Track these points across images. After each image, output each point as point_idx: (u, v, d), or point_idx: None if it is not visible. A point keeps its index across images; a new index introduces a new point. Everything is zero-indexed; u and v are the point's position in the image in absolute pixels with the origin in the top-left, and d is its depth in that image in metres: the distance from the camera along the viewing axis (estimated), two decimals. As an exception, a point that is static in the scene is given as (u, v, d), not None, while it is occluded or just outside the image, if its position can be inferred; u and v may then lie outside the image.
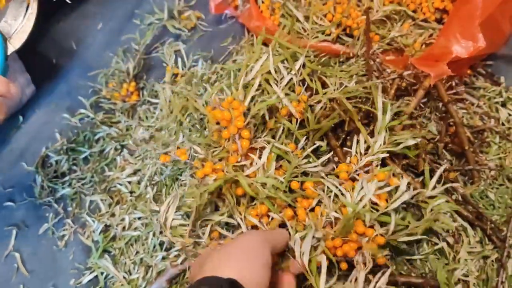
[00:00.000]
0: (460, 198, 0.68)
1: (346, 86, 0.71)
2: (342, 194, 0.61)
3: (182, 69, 0.94)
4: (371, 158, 0.62)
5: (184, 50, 0.96)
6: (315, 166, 0.66)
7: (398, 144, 0.64)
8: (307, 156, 0.67)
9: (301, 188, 0.64)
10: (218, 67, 0.89)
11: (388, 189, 0.60)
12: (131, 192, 0.81)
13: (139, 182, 0.82)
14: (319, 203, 0.63)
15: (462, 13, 0.68)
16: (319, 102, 0.70)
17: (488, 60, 0.85)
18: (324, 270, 0.56)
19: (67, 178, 0.87)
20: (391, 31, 0.83)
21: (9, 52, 0.78)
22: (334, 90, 0.71)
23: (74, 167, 0.88)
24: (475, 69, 0.84)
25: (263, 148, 0.65)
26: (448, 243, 0.67)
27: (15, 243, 0.83)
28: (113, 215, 0.80)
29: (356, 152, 0.64)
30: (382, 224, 0.59)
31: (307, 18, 0.84)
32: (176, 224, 0.67)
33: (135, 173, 0.84)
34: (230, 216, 0.67)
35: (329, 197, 0.62)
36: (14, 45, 0.81)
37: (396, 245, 0.61)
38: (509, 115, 0.79)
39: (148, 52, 0.98)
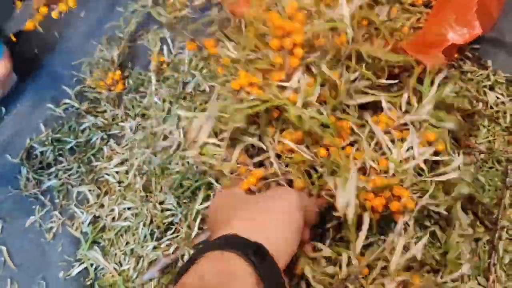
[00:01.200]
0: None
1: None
2: (388, 147, 0.57)
3: (168, 57, 0.92)
4: (416, 118, 0.59)
5: (169, 37, 0.95)
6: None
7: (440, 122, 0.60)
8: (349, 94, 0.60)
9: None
10: (206, 54, 0.88)
11: (438, 158, 0.57)
12: (119, 182, 0.80)
13: (127, 172, 0.80)
14: (351, 144, 0.59)
15: (458, 0, 0.68)
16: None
17: (475, 43, 0.84)
18: (365, 227, 0.53)
19: (53, 169, 0.85)
20: (378, 16, 0.82)
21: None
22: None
23: (60, 158, 0.86)
24: (463, 53, 0.84)
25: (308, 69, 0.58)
26: (440, 226, 0.67)
27: (1, 237, 0.81)
28: (101, 206, 0.79)
29: (401, 109, 0.61)
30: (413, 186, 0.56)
31: None
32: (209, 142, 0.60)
33: (122, 163, 0.82)
34: (260, 140, 0.61)
35: (368, 144, 0.58)
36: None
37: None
38: (497, 98, 0.79)
39: (133, 40, 0.97)
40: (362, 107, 0.63)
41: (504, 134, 0.77)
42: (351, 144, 0.60)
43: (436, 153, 0.58)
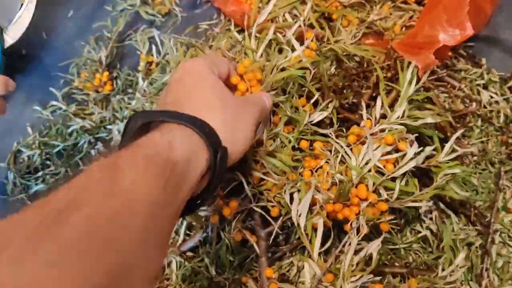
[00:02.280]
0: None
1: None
2: (348, 156, 0.58)
3: (157, 57, 0.91)
4: (386, 126, 0.59)
5: (158, 36, 0.93)
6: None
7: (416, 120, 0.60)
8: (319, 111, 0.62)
9: (310, 148, 0.61)
10: (195, 53, 0.86)
11: (396, 155, 0.57)
12: (107, 187, 0.79)
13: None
14: (327, 163, 0.60)
15: (450, 0, 0.66)
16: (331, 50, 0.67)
17: (469, 41, 0.83)
18: (319, 234, 0.54)
19: (40, 173, 0.84)
20: (370, 14, 0.81)
21: (6, 45, 0.75)
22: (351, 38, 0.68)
23: (48, 162, 0.85)
24: (456, 51, 0.82)
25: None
26: (431, 231, 0.66)
27: (-12, 243, 0.80)
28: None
29: (370, 118, 0.61)
30: (386, 189, 0.57)
31: None
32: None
33: (110, 166, 0.81)
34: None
35: (336, 157, 0.59)
36: (11, 37, 0.77)
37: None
38: (491, 97, 0.78)
39: (121, 40, 0.95)
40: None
41: (497, 134, 0.75)
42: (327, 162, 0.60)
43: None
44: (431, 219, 0.66)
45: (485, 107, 0.77)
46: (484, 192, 0.70)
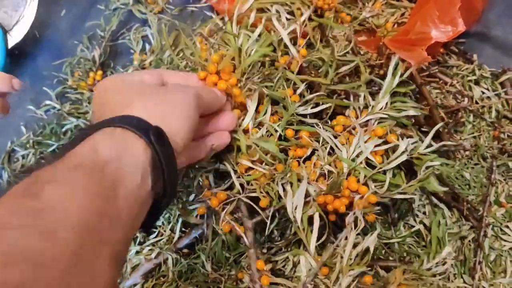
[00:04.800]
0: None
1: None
2: (338, 148, 0.58)
3: (150, 56, 0.91)
4: (371, 117, 0.59)
5: (151, 35, 0.93)
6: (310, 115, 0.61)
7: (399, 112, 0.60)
8: (305, 104, 0.61)
9: (295, 137, 0.60)
10: (188, 52, 0.87)
11: (386, 147, 0.57)
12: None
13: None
14: (313, 153, 0.60)
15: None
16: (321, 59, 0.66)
17: (460, 38, 0.84)
18: (316, 227, 0.53)
19: (35, 173, 0.84)
20: (362, 11, 0.81)
21: (10, 45, 0.74)
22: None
23: (42, 161, 0.85)
24: (448, 48, 0.83)
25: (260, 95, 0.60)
26: (425, 225, 0.67)
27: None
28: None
29: (355, 108, 0.62)
30: (375, 181, 0.57)
31: None
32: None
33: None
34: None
35: (325, 148, 0.59)
36: (15, 37, 0.77)
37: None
38: (483, 93, 0.79)
39: (115, 39, 0.95)
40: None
41: (489, 129, 0.76)
42: (313, 152, 0.60)
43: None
44: (424, 213, 0.67)
45: (477, 102, 0.78)
46: (477, 186, 0.71)
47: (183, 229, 0.68)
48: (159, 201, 0.43)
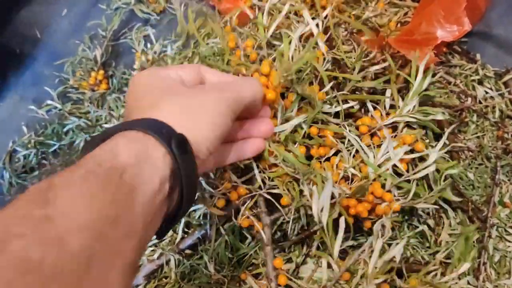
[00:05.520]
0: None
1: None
2: (365, 152, 0.57)
3: (152, 55, 0.90)
4: (398, 119, 0.58)
5: (153, 35, 0.93)
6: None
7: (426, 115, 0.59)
8: (331, 102, 0.60)
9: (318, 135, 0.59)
10: (190, 52, 0.86)
11: (414, 155, 0.56)
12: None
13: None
14: (334, 154, 0.59)
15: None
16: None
17: (463, 37, 0.83)
18: (341, 231, 0.52)
19: (36, 173, 0.84)
20: (365, 11, 0.81)
21: None
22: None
23: (44, 161, 0.85)
24: (451, 47, 0.83)
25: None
26: (429, 226, 0.66)
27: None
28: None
29: (381, 109, 0.60)
30: (398, 188, 0.56)
31: None
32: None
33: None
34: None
35: (348, 151, 0.58)
36: None
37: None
38: (486, 93, 0.78)
39: (116, 38, 0.95)
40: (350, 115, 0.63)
41: (493, 129, 0.76)
42: (336, 153, 0.59)
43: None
44: (428, 214, 0.67)
45: (480, 102, 0.78)
46: (481, 187, 0.70)
47: (186, 229, 0.68)
48: (176, 210, 0.42)
